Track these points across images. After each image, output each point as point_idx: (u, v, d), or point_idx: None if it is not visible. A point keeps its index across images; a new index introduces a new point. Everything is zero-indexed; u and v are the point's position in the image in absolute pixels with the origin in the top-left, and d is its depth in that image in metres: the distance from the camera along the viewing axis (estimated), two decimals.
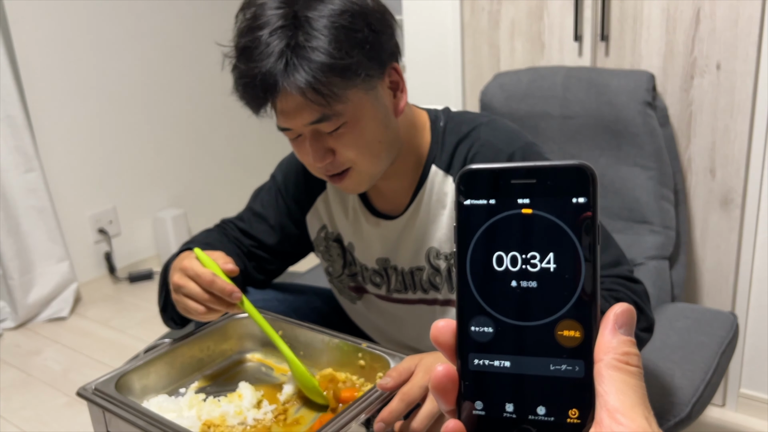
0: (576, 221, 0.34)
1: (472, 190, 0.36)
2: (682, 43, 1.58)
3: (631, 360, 0.33)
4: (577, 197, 0.34)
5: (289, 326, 1.06)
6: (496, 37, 1.89)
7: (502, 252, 0.35)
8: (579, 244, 0.34)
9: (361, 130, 0.94)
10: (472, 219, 0.36)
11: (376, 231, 1.12)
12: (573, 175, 0.34)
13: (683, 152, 1.65)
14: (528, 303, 0.35)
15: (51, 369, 2.32)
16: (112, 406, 0.86)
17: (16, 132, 2.51)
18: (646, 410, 0.32)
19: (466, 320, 0.36)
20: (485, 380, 0.35)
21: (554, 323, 0.35)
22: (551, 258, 0.35)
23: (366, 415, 0.81)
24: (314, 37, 0.87)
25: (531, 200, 0.35)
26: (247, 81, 0.90)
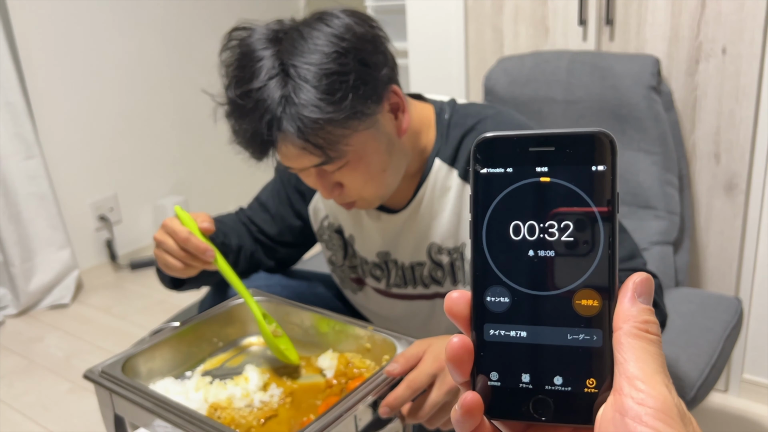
0: (595, 189, 0.34)
1: (488, 159, 0.35)
2: (688, 27, 1.57)
3: (651, 328, 0.33)
4: (597, 165, 0.34)
5: (294, 310, 1.05)
6: (499, 21, 1.88)
7: (519, 221, 0.35)
8: (598, 213, 0.34)
9: (365, 165, 0.93)
10: (489, 188, 0.35)
11: (377, 224, 1.11)
12: (592, 142, 0.34)
13: (688, 137, 1.65)
14: (545, 272, 0.35)
15: (53, 355, 2.32)
16: (119, 388, 0.86)
17: (16, 119, 2.50)
18: (666, 378, 0.32)
19: (481, 290, 0.36)
20: (501, 351, 0.35)
21: (572, 292, 0.34)
22: (570, 227, 0.34)
23: (373, 397, 0.80)
24: (304, 90, 0.84)
25: (549, 168, 0.34)
26: (244, 139, 0.90)
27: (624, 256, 0.97)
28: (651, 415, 0.30)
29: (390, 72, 0.94)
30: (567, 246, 0.34)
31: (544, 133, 0.35)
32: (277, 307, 1.07)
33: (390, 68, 0.94)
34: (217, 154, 3.23)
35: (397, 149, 0.98)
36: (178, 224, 0.94)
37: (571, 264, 0.34)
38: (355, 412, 0.78)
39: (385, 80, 0.92)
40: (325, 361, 0.97)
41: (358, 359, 0.97)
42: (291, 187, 1.19)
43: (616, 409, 0.31)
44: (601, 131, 0.34)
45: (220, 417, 0.87)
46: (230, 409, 0.88)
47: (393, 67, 0.96)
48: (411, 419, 0.80)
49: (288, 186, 1.19)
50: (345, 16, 0.89)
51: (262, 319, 0.95)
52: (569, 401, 0.34)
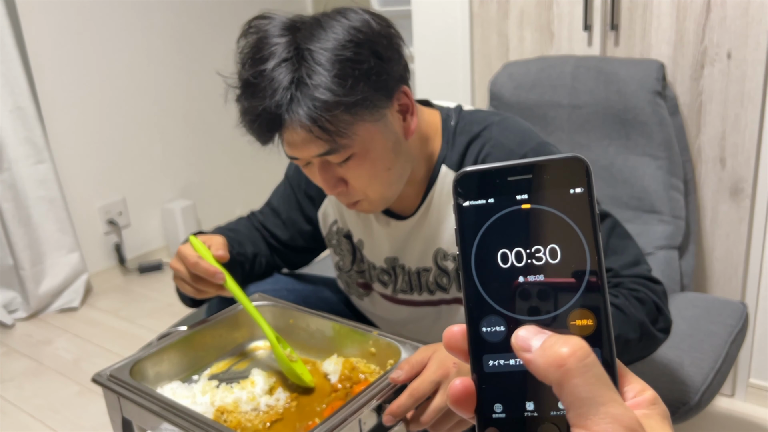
0: (575, 211, 0.35)
1: (469, 192, 0.36)
2: (693, 32, 1.57)
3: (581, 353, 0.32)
4: (574, 188, 0.35)
5: (300, 314, 1.06)
6: (505, 26, 1.89)
7: (506, 249, 0.36)
8: (581, 233, 0.35)
9: (371, 160, 0.94)
10: (473, 220, 0.36)
11: (385, 230, 1.12)
12: (567, 166, 0.35)
13: (693, 142, 1.65)
14: (537, 297, 0.35)
15: (62, 358, 2.34)
16: (126, 391, 0.87)
17: (26, 123, 2.53)
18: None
19: (476, 322, 0.36)
20: (502, 381, 0.35)
21: (566, 314, 0.35)
22: (555, 250, 0.35)
23: (377, 401, 0.81)
24: (317, 73, 0.85)
25: (529, 195, 0.35)
26: (251, 118, 0.90)
27: (628, 263, 0.98)
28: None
29: (402, 72, 0.96)
30: (555, 269, 0.35)
31: (521, 163, 0.36)
32: (282, 311, 1.08)
33: (403, 68, 0.96)
34: (226, 159, 3.25)
35: (404, 151, 0.99)
36: (190, 250, 0.98)
37: (562, 286, 0.35)
38: (359, 416, 0.79)
39: (396, 77, 0.94)
40: (329, 366, 0.98)
41: (363, 364, 0.98)
42: (301, 192, 1.20)
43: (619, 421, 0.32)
44: (575, 156, 0.35)
45: (226, 420, 0.88)
46: (236, 413, 0.89)
47: (405, 68, 0.97)
48: (414, 426, 0.80)
49: (298, 191, 1.21)
50: (364, 12, 0.91)
51: (277, 343, 0.95)
52: None
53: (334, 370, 0.96)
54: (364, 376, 0.95)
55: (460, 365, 0.81)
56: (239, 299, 0.97)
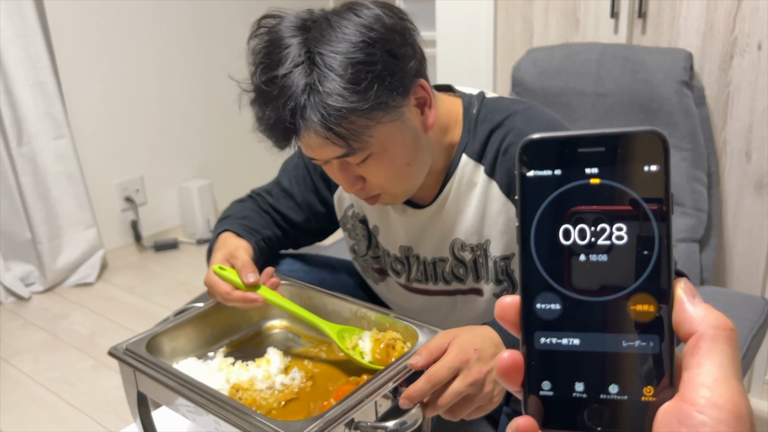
0: (648, 190, 0.33)
1: (535, 161, 0.34)
2: (723, 22, 1.54)
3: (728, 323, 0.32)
4: (649, 165, 0.33)
5: (317, 295, 1.06)
6: (530, 12, 1.86)
7: (569, 225, 0.34)
8: (652, 215, 0.33)
9: (389, 158, 0.92)
10: (536, 191, 0.34)
11: (401, 218, 1.10)
12: (644, 141, 0.33)
13: (718, 134, 1.62)
14: (598, 277, 0.34)
15: (78, 332, 2.37)
16: (142, 365, 0.87)
17: (47, 98, 2.53)
18: (740, 383, 0.31)
19: (531, 297, 0.35)
20: (553, 359, 0.34)
21: (627, 297, 0.33)
22: (623, 229, 0.33)
23: (394, 384, 0.81)
24: (329, 79, 0.83)
25: (599, 169, 0.33)
26: (267, 127, 0.89)
27: None
28: (723, 422, 0.29)
29: (418, 65, 0.93)
30: (620, 250, 0.33)
31: (594, 133, 0.34)
32: (300, 291, 1.08)
33: (418, 62, 0.93)
34: (243, 139, 3.24)
35: (423, 144, 0.97)
36: (217, 282, 0.98)
37: (625, 268, 0.33)
38: (375, 399, 0.78)
39: (412, 73, 0.91)
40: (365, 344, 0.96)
41: (399, 344, 0.95)
42: (317, 174, 1.19)
43: (677, 417, 0.31)
44: (653, 129, 0.33)
45: (241, 398, 0.88)
46: (251, 391, 0.89)
47: (421, 60, 0.94)
48: (431, 409, 0.79)
49: (314, 172, 1.19)
50: (375, 7, 0.88)
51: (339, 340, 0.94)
52: (625, 410, 0.33)
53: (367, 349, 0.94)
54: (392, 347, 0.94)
55: (481, 351, 0.80)
56: (288, 309, 0.97)
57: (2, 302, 2.59)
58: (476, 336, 0.82)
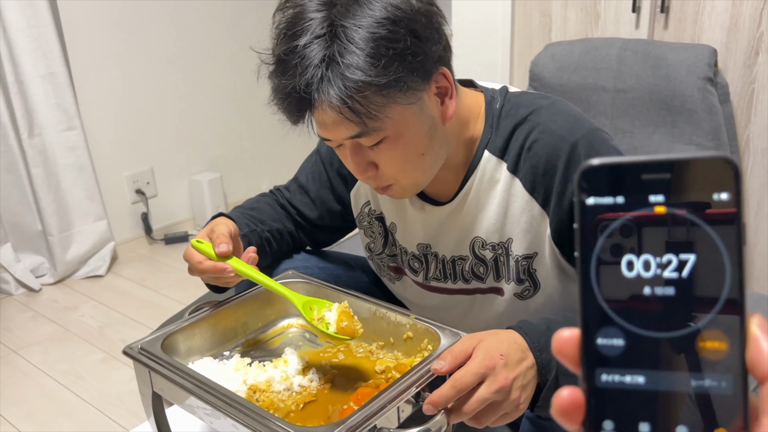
0: (718, 220, 0.31)
1: (595, 187, 0.32)
2: (749, 17, 1.51)
3: None
4: (719, 193, 0.31)
5: (334, 293, 1.04)
6: (548, 5, 1.83)
7: (632, 256, 0.32)
8: (722, 245, 0.31)
9: (403, 144, 0.89)
10: (597, 220, 0.32)
11: (419, 215, 1.08)
12: (713, 168, 0.31)
13: (742, 131, 1.59)
14: (664, 312, 0.31)
15: (87, 325, 2.36)
16: (158, 365, 0.85)
17: (58, 89, 2.52)
18: None
19: (591, 332, 0.33)
20: (615, 398, 0.32)
21: (695, 334, 0.31)
22: (690, 262, 0.31)
23: (416, 389, 0.78)
24: (350, 52, 0.81)
25: (665, 197, 0.31)
26: (281, 96, 0.87)
27: None
28: None
29: (442, 52, 0.90)
30: (688, 283, 0.31)
31: (659, 159, 0.32)
32: (317, 290, 1.06)
33: (442, 48, 0.90)
34: (254, 132, 3.23)
35: (440, 135, 0.94)
36: (191, 253, 0.98)
37: (694, 302, 0.31)
38: (398, 404, 0.76)
39: (434, 58, 0.88)
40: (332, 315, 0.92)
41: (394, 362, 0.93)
42: (333, 171, 1.17)
43: None
44: (723, 155, 0.31)
45: (258, 400, 0.86)
46: (269, 392, 0.87)
47: (446, 48, 0.92)
48: (456, 416, 0.77)
49: (330, 169, 1.17)
50: None
51: (306, 310, 0.91)
52: None
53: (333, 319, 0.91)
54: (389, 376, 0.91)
55: (507, 357, 0.78)
56: (257, 280, 0.94)
57: (13, 294, 2.58)
58: (502, 340, 0.80)
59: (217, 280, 0.98)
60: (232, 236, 0.98)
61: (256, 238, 1.12)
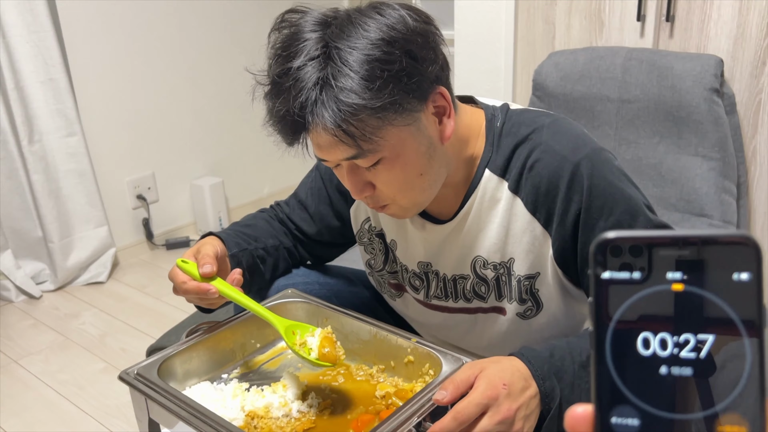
0: (738, 300, 0.30)
1: (611, 261, 0.32)
2: (756, 26, 1.48)
3: None
4: (740, 273, 0.30)
5: (334, 314, 1.02)
6: (552, 13, 1.81)
7: (649, 334, 0.31)
8: (741, 326, 0.30)
9: (401, 165, 0.88)
10: (613, 295, 0.31)
11: (420, 234, 1.06)
12: (733, 246, 0.30)
13: (748, 143, 1.57)
14: (681, 393, 0.31)
15: (88, 333, 2.34)
16: (154, 393, 0.84)
17: (58, 95, 2.51)
18: None
19: (606, 410, 0.31)
20: None
21: (713, 417, 0.30)
22: (709, 342, 0.30)
23: (417, 418, 0.77)
24: (344, 74, 0.80)
25: (684, 274, 0.31)
26: (276, 119, 0.86)
27: None
28: None
29: (439, 71, 0.88)
30: (706, 364, 0.30)
31: (678, 235, 0.31)
32: (317, 310, 1.04)
33: (440, 68, 0.88)
34: (255, 137, 3.21)
35: (438, 155, 0.93)
36: (176, 273, 0.97)
37: (713, 384, 0.31)
38: None
39: (431, 78, 0.87)
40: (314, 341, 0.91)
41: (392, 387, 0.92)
42: (332, 187, 1.15)
43: None
44: (744, 235, 0.30)
45: (257, 426, 0.85)
46: (267, 419, 0.86)
47: (443, 67, 0.90)
48: None
49: (330, 185, 1.16)
50: (401, 8, 0.85)
51: (287, 335, 0.90)
52: None
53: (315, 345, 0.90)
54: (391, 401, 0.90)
55: (510, 386, 0.76)
56: (239, 302, 0.93)
57: (13, 301, 2.57)
58: (504, 369, 0.78)
59: (201, 301, 0.97)
60: (218, 257, 0.97)
61: (248, 257, 1.11)
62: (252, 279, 1.13)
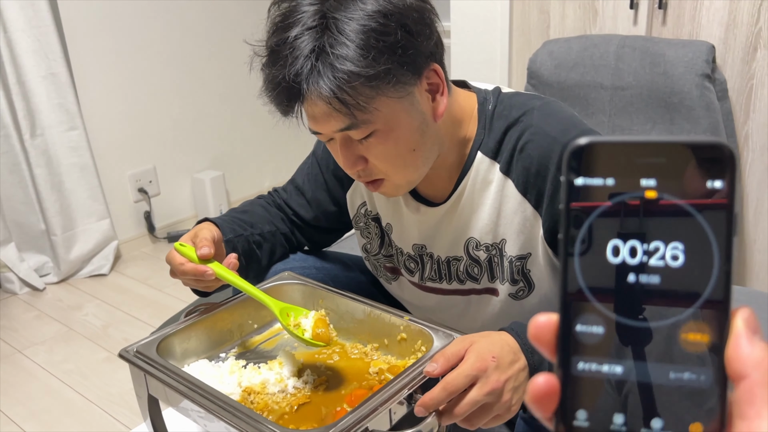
0: (710, 209, 0.30)
1: (584, 167, 0.31)
2: (747, 13, 1.50)
3: None
4: (713, 180, 0.29)
5: (329, 295, 1.04)
6: (546, 2, 1.82)
7: (619, 241, 0.31)
8: (712, 235, 0.30)
9: (394, 139, 0.90)
10: (584, 201, 0.31)
11: (415, 216, 1.08)
12: (708, 154, 0.30)
13: (740, 128, 1.58)
14: (647, 301, 0.30)
15: (91, 324, 2.37)
16: (153, 369, 0.86)
17: (59, 90, 2.53)
18: None
19: (570, 318, 0.31)
20: (591, 387, 0.31)
21: (678, 325, 0.30)
22: (678, 250, 0.30)
23: (408, 390, 0.79)
24: (341, 43, 0.82)
25: (657, 182, 0.30)
26: (271, 86, 0.87)
27: None
28: None
29: (433, 48, 0.91)
30: (674, 272, 0.30)
31: (653, 140, 0.31)
32: (312, 291, 1.07)
33: (434, 44, 0.91)
34: (256, 130, 3.23)
35: (431, 132, 0.95)
36: (173, 255, 0.99)
37: (679, 292, 0.30)
38: (390, 407, 0.76)
39: (426, 53, 0.89)
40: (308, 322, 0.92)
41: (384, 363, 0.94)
42: (329, 172, 1.17)
43: None
44: (719, 141, 0.30)
45: (253, 402, 0.87)
46: (263, 395, 0.88)
47: (438, 45, 0.92)
48: (447, 418, 0.78)
49: (326, 171, 1.18)
50: None
51: (282, 315, 0.92)
52: None
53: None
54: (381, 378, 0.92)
55: (499, 359, 0.78)
56: (235, 284, 0.95)
57: (17, 293, 2.60)
58: (494, 342, 0.81)
59: (198, 283, 0.99)
60: (215, 241, 0.99)
61: (244, 243, 1.13)
62: (248, 264, 1.15)
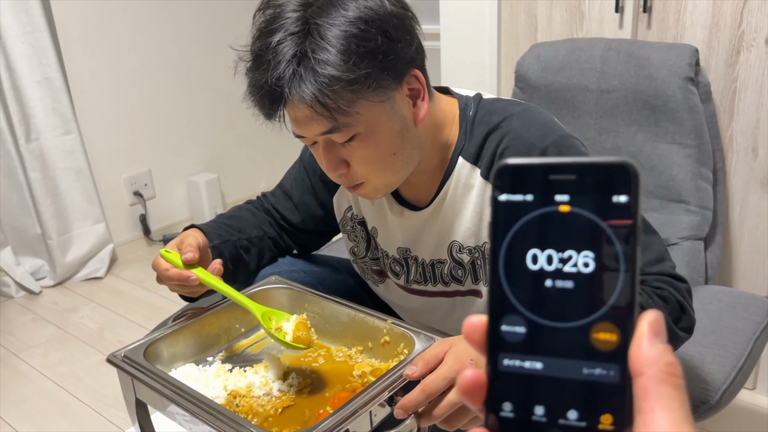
0: (616, 220, 0.33)
1: (507, 185, 0.35)
2: (730, 16, 1.52)
3: (676, 371, 0.32)
4: (618, 196, 0.33)
5: (315, 299, 1.06)
6: (534, 6, 1.84)
7: (537, 250, 0.34)
8: (619, 244, 0.33)
9: (375, 143, 0.92)
10: (508, 215, 0.35)
11: (399, 220, 1.10)
12: (615, 172, 0.33)
13: (725, 130, 1.60)
14: (562, 303, 0.34)
15: (87, 327, 2.39)
16: (140, 374, 0.88)
17: (54, 94, 2.55)
18: (692, 426, 0.31)
19: (497, 319, 0.35)
20: (515, 381, 0.35)
21: (589, 325, 0.33)
22: (589, 258, 0.33)
23: (389, 393, 0.81)
24: (323, 48, 0.84)
25: (570, 197, 0.34)
26: (254, 90, 0.90)
27: (652, 260, 0.95)
28: None
29: (414, 54, 0.93)
30: (585, 278, 0.33)
31: (566, 162, 0.34)
32: (298, 295, 1.08)
33: (415, 50, 0.93)
34: (250, 133, 3.25)
35: (412, 137, 0.97)
36: (159, 261, 1.01)
37: (590, 296, 0.33)
38: (370, 409, 0.78)
39: (406, 59, 0.91)
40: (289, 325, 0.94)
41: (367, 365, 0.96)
42: (316, 177, 1.19)
43: None
44: (625, 161, 0.33)
45: (238, 405, 0.89)
46: (249, 398, 0.90)
47: (418, 50, 0.94)
48: (426, 420, 0.79)
49: (313, 175, 1.19)
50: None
51: (264, 319, 0.94)
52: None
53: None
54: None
55: (476, 362, 0.80)
56: (219, 290, 0.97)
57: (13, 297, 2.62)
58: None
59: (183, 288, 1.01)
60: (200, 247, 1.01)
61: (231, 248, 1.15)
62: (236, 269, 1.17)
